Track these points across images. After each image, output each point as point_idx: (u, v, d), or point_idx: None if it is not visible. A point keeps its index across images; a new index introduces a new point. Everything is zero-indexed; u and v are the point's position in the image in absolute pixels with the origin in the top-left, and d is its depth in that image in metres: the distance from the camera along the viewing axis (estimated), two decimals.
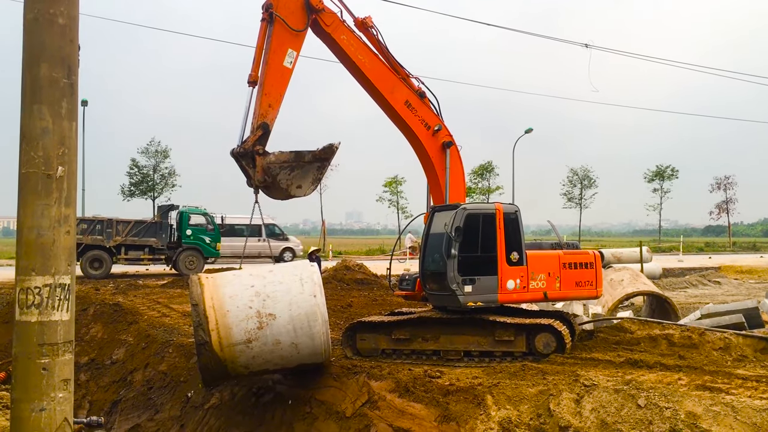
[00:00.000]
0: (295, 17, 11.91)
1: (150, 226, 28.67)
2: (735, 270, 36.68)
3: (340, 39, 12.37)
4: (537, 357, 11.45)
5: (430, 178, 13.54)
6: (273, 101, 11.77)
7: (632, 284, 17.04)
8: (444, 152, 13.13)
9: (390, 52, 13.01)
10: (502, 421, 8.99)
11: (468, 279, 11.58)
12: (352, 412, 10.21)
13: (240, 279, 10.60)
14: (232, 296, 10.10)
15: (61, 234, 3.76)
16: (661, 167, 71.28)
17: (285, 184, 11.82)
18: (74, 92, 3.91)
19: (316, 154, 12.00)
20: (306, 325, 10.07)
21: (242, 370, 10.28)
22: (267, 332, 9.97)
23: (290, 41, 11.86)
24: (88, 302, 18.38)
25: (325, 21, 12.20)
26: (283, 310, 10.04)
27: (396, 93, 12.83)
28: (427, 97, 13.25)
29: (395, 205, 63.03)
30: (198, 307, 9.94)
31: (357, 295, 21.33)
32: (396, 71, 12.99)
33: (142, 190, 51.37)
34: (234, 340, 9.90)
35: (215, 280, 10.49)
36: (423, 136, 13.03)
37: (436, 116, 13.23)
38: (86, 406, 13.94)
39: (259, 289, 10.21)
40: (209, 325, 9.83)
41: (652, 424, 8.23)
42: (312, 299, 10.15)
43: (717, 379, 9.70)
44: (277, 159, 11.72)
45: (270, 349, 10.07)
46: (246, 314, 9.95)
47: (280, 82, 11.85)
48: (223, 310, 9.95)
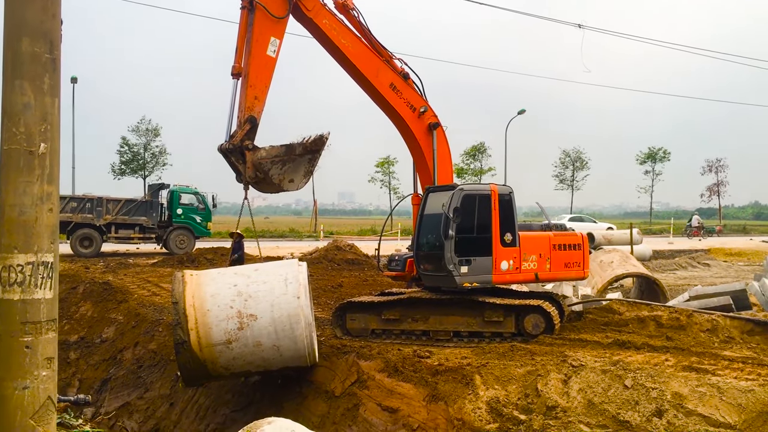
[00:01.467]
0: (276, 4, 11.54)
1: (140, 205, 28.60)
2: (724, 252, 36.91)
3: (322, 23, 12.06)
4: (526, 338, 11.51)
5: (417, 160, 13.40)
6: (259, 93, 11.42)
7: (622, 266, 17.11)
8: (430, 134, 12.96)
9: (372, 33, 12.73)
10: (490, 401, 9.04)
11: (464, 260, 11.60)
12: (342, 391, 10.25)
13: (224, 277, 10.25)
14: (214, 295, 9.78)
15: (44, 211, 3.71)
16: (653, 149, 71.45)
17: (277, 179, 11.53)
18: (56, 68, 3.84)
19: (306, 146, 11.69)
20: (288, 327, 9.68)
21: (222, 371, 9.96)
22: (248, 333, 9.62)
23: (272, 29, 11.51)
24: (77, 281, 18.33)
25: (307, 6, 11.88)
26: (264, 311, 9.68)
27: (380, 76, 12.59)
28: (410, 78, 13.01)
29: (387, 185, 63.10)
30: (178, 305, 9.65)
31: (347, 276, 21.34)
32: (379, 53, 12.74)
33: (132, 168, 51.15)
34: (213, 340, 9.59)
35: (199, 278, 10.14)
36: (409, 118, 12.83)
37: (421, 97, 13.04)
38: (76, 384, 13.95)
39: (242, 288, 9.85)
40: (188, 324, 9.52)
41: (638, 404, 8.29)
42: (295, 301, 9.72)
43: (704, 360, 9.78)
44: (268, 154, 11.38)
45: (251, 350, 9.73)
46: (227, 314, 9.61)
47: (265, 72, 11.50)
48: (204, 309, 9.63)
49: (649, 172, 71.58)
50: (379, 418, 9.64)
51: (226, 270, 11.03)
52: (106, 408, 12.71)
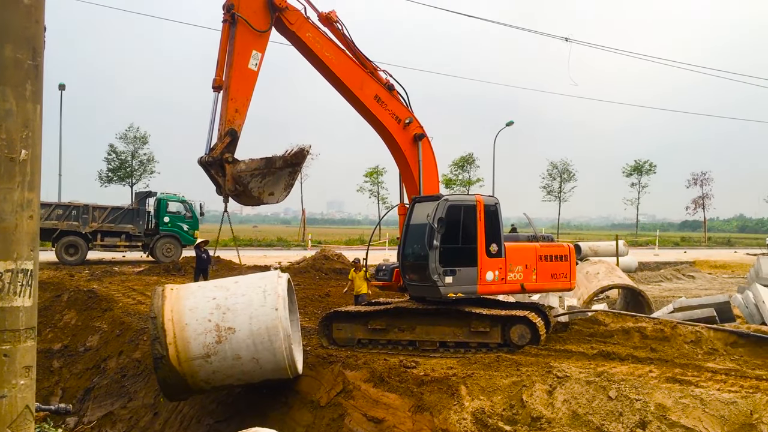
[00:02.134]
0: (258, 17, 11.45)
1: (127, 213, 28.45)
2: (709, 264, 37.15)
3: (305, 37, 11.97)
4: (512, 348, 11.52)
5: (403, 170, 13.36)
6: (240, 106, 11.31)
7: (607, 277, 17.17)
8: (416, 144, 12.93)
9: (356, 45, 12.68)
10: (475, 412, 9.03)
11: (449, 270, 11.60)
12: (327, 401, 10.20)
13: (203, 291, 10.15)
14: (192, 309, 9.70)
15: (24, 219, 3.67)
16: (639, 162, 71.94)
17: (257, 192, 11.43)
18: (39, 74, 3.82)
19: (287, 160, 11.57)
20: (266, 339, 9.53)
21: (203, 384, 9.84)
22: (226, 346, 9.50)
23: (254, 42, 11.41)
24: (62, 288, 18.20)
25: (289, 19, 11.79)
26: (243, 324, 9.55)
27: (365, 88, 12.52)
28: (395, 89, 12.99)
29: (376, 195, 63.10)
30: (156, 320, 9.57)
31: (335, 285, 21.30)
32: (363, 65, 12.68)
33: (120, 176, 50.87)
34: (192, 354, 9.48)
35: (178, 292, 10.05)
36: (394, 129, 12.79)
37: (406, 109, 13.01)
38: (58, 393, 13.82)
39: (221, 301, 9.74)
40: (167, 339, 9.44)
41: (622, 415, 8.31)
42: (273, 312, 9.57)
43: (687, 371, 9.81)
44: (248, 167, 11.28)
45: (230, 364, 9.60)
46: (205, 327, 9.50)
47: (246, 85, 11.39)
48: (182, 323, 9.54)
49: (636, 185, 72.12)
50: (364, 429, 9.59)
51: (207, 283, 10.91)
52: (89, 417, 12.58)
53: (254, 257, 32.62)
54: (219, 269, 22.87)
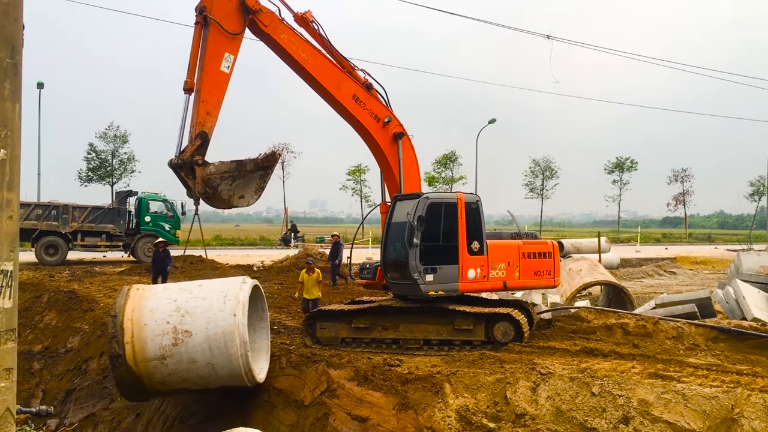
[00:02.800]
0: (231, 20, 11.30)
1: (108, 213, 28.19)
2: (690, 261, 37.56)
3: (280, 38, 11.85)
4: (495, 346, 11.55)
5: (384, 169, 13.30)
6: (211, 108, 11.18)
7: (590, 274, 17.29)
8: (396, 143, 12.88)
9: (333, 45, 12.58)
10: (459, 409, 9.05)
11: (429, 268, 11.60)
12: (311, 400, 10.18)
13: (167, 292, 10.13)
14: (153, 310, 9.65)
15: (3, 219, 3.62)
16: (620, 159, 72.51)
17: (227, 195, 11.33)
18: (17, 73, 3.76)
19: (258, 163, 11.51)
20: (222, 345, 9.39)
21: (160, 386, 9.77)
22: (182, 349, 9.41)
23: (227, 45, 11.27)
24: (42, 289, 17.98)
25: (263, 21, 11.65)
26: (200, 328, 9.44)
27: (342, 88, 12.43)
28: (374, 88, 12.89)
29: (359, 193, 63.02)
30: (116, 318, 9.54)
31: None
32: (341, 65, 12.58)
33: (100, 175, 50.41)
34: (148, 355, 9.42)
35: (143, 292, 10.02)
36: (373, 128, 12.74)
37: (386, 107, 12.94)
38: (39, 395, 13.67)
39: (182, 303, 9.68)
40: (124, 338, 9.40)
41: (605, 411, 8.38)
42: (231, 318, 9.43)
43: (669, 367, 9.90)
44: (218, 170, 11.18)
45: (186, 367, 9.50)
46: (162, 329, 9.44)
47: (218, 88, 11.25)
48: (141, 323, 9.49)
49: (617, 182, 72.69)
50: (348, 428, 9.59)
51: (173, 285, 10.84)
52: (71, 419, 12.47)
53: (237, 256, 32.49)
54: (201, 269, 22.74)
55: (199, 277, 21.20)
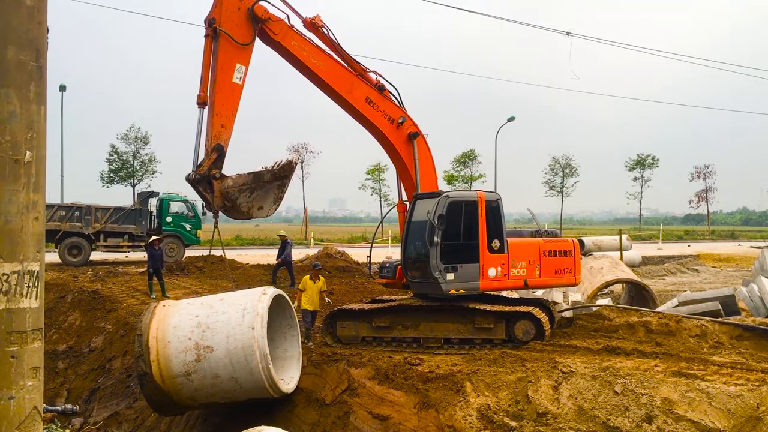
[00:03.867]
0: (241, 30, 11.25)
1: (129, 213, 28.43)
2: (713, 258, 37.12)
3: (291, 46, 11.77)
4: (516, 344, 11.52)
5: (399, 169, 13.24)
6: (225, 121, 11.15)
7: (611, 272, 17.15)
8: (411, 143, 12.79)
9: (343, 48, 12.50)
10: (480, 408, 9.03)
11: (450, 267, 11.60)
12: (332, 399, 10.21)
13: (189, 308, 10.12)
14: (176, 326, 9.69)
15: (30, 220, 3.67)
16: (641, 156, 71.80)
17: (246, 208, 11.31)
18: (42, 76, 3.81)
19: (275, 173, 11.43)
20: (243, 359, 9.32)
21: (190, 402, 9.82)
22: (205, 365, 9.42)
23: (238, 56, 11.22)
24: (66, 289, 18.20)
25: (273, 30, 11.58)
26: (220, 343, 9.43)
27: (355, 91, 12.35)
28: (387, 89, 12.81)
29: (378, 192, 63.07)
30: (141, 337, 9.59)
31: (338, 283, 21.33)
32: (352, 68, 12.51)
33: (121, 176, 50.89)
34: (173, 372, 9.48)
35: (167, 309, 10.04)
36: (388, 130, 12.65)
37: (399, 108, 12.85)
38: (64, 393, 13.84)
39: (203, 319, 9.68)
40: (150, 356, 9.46)
41: (628, 410, 8.31)
42: (249, 332, 9.35)
43: (693, 365, 9.81)
44: (235, 183, 11.16)
45: (210, 382, 9.51)
46: (185, 346, 9.48)
47: (231, 100, 11.22)
48: (165, 340, 9.56)
49: (638, 179, 71.98)
50: (369, 426, 9.60)
51: (195, 300, 10.82)
52: (95, 418, 12.60)
53: (258, 256, 32.64)
54: (222, 268, 22.88)
55: (219, 276, 21.37)
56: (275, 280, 19.99)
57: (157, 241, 18.24)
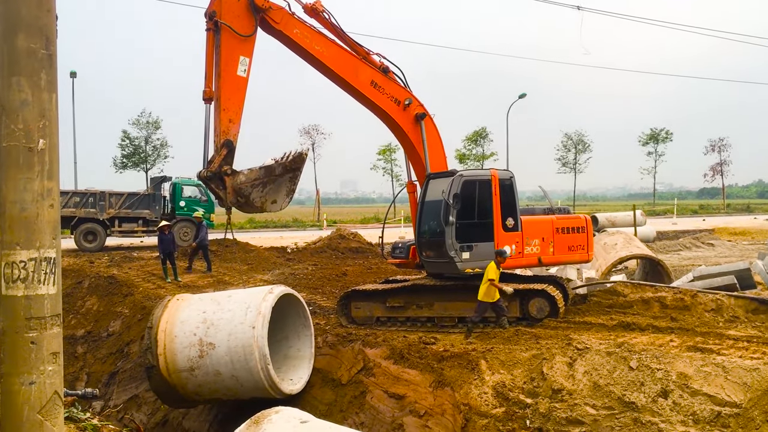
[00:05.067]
0: (242, 21, 11.06)
1: (143, 198, 28.54)
2: (729, 232, 36.83)
3: (293, 34, 11.60)
4: (531, 322, 11.53)
5: (408, 151, 13.14)
6: (233, 115, 11.02)
7: (625, 248, 17.08)
8: (418, 125, 12.67)
9: (345, 32, 12.33)
10: (496, 385, 9.08)
11: (465, 245, 11.60)
12: (348, 379, 10.29)
13: (199, 303, 10.10)
14: (183, 321, 9.71)
15: (45, 207, 3.71)
16: (655, 130, 71.10)
17: (259, 202, 11.22)
18: (53, 63, 3.83)
19: (286, 166, 11.34)
20: (243, 358, 9.23)
21: (195, 396, 9.84)
22: (207, 362, 9.41)
23: (240, 48, 11.05)
24: (82, 275, 18.39)
25: (274, 18, 11.39)
26: (222, 340, 9.39)
27: (360, 75, 12.20)
28: (391, 71, 12.65)
29: (389, 173, 62.96)
30: (151, 330, 9.67)
31: (352, 264, 21.39)
32: (355, 52, 12.35)
33: (134, 162, 51.09)
34: (178, 366, 9.53)
35: (179, 303, 10.06)
36: (394, 112, 12.52)
37: (404, 89, 12.70)
38: (84, 378, 14.03)
39: (209, 315, 9.67)
40: (157, 350, 9.53)
41: (643, 385, 8.32)
42: (250, 331, 9.24)
43: (708, 340, 9.79)
44: (248, 178, 11.05)
45: (213, 379, 9.51)
46: (190, 341, 9.50)
47: (237, 94, 11.08)
48: (172, 335, 9.62)
49: (652, 153, 71.30)
50: (385, 405, 9.68)
51: (206, 296, 10.80)
52: (115, 401, 12.78)
53: (270, 239, 32.78)
54: (236, 251, 23.00)
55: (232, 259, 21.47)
56: (191, 265, 19.74)
57: (167, 226, 18.34)
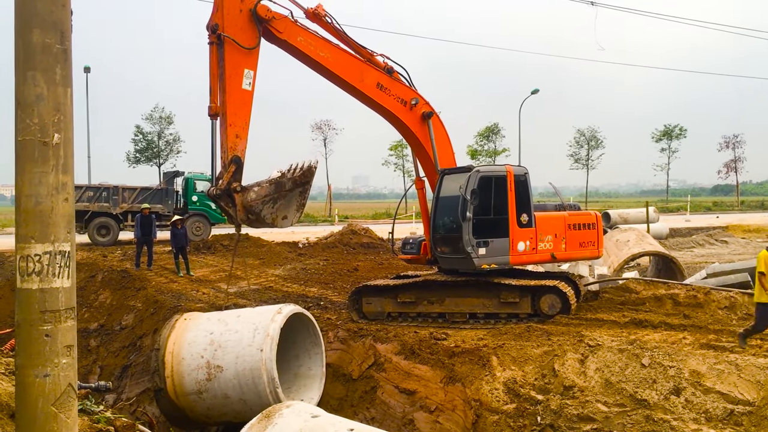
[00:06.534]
0: (245, 33, 10.78)
1: (156, 193, 28.69)
2: (742, 229, 36.54)
3: (297, 42, 11.35)
4: (542, 318, 11.51)
5: (416, 149, 13.02)
6: (240, 131, 10.75)
7: (638, 245, 17.00)
8: (425, 123, 12.52)
9: (348, 35, 12.14)
10: (507, 382, 9.07)
11: (482, 241, 11.59)
12: (359, 374, 10.32)
13: (207, 324, 9.89)
14: (191, 343, 9.51)
15: (60, 201, 3.73)
16: (668, 126, 70.64)
17: (270, 219, 10.93)
18: (68, 58, 3.85)
19: (296, 180, 11.06)
20: (251, 381, 9.01)
21: (204, 419, 9.61)
22: (215, 385, 9.20)
23: (245, 61, 10.79)
24: (96, 269, 18.52)
25: (278, 28, 11.13)
26: (230, 363, 9.15)
27: (366, 79, 11.99)
28: (395, 71, 12.47)
29: (401, 168, 62.93)
30: (159, 352, 9.51)
31: (363, 259, 21.42)
32: (359, 55, 12.17)
33: (147, 156, 51.37)
34: (186, 389, 9.32)
35: (186, 323, 9.89)
36: (401, 113, 12.35)
37: (410, 89, 12.54)
38: (97, 371, 14.13)
39: (216, 336, 9.45)
40: (165, 372, 9.37)
41: (656, 382, 8.28)
42: (258, 354, 9.00)
43: (721, 337, 9.73)
44: (258, 195, 10.76)
45: (221, 402, 9.28)
46: (197, 363, 9.29)
47: (243, 108, 10.81)
48: (180, 357, 9.42)
49: (665, 150, 70.88)
50: (396, 400, 9.70)
51: (213, 315, 10.61)
52: (127, 394, 12.86)
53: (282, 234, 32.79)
54: (248, 246, 23.08)
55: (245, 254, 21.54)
56: (139, 263, 19.49)
57: (180, 220, 18.43)
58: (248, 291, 16.03)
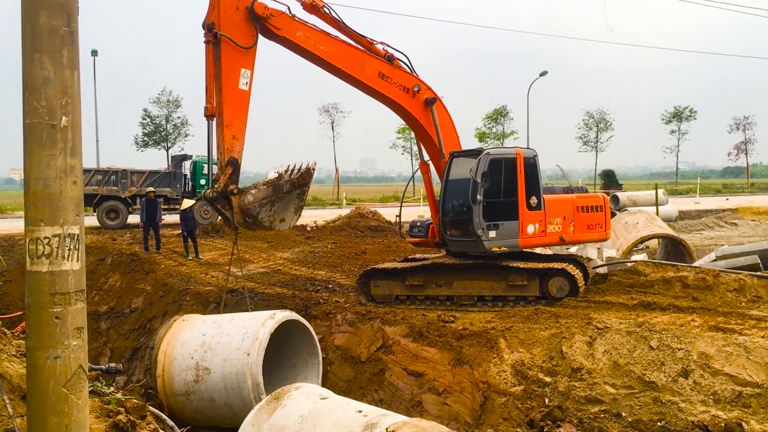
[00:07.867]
0: (242, 32, 10.55)
1: (164, 177, 28.73)
2: (752, 211, 36.32)
3: (296, 37, 11.12)
4: (550, 301, 11.51)
5: (420, 135, 12.96)
6: (236, 132, 10.56)
7: (647, 227, 16.94)
8: (429, 109, 12.38)
9: (347, 25, 11.93)
10: (515, 364, 9.09)
11: (492, 224, 11.58)
12: (367, 356, 10.37)
13: (201, 326, 9.76)
14: (184, 343, 9.40)
15: (68, 184, 3.74)
16: (678, 108, 70.04)
17: (268, 222, 10.78)
18: (75, 40, 3.83)
19: (294, 182, 10.94)
20: (236, 386, 8.79)
21: (193, 422, 9.21)
22: (202, 387, 9.04)
23: (242, 60, 10.57)
24: (105, 252, 18.63)
25: (276, 25, 10.89)
26: (218, 366, 8.98)
27: (367, 69, 11.79)
28: (396, 59, 12.29)
29: (409, 151, 62.76)
30: (152, 351, 9.45)
31: (371, 242, 21.45)
32: (359, 44, 12.00)
33: (155, 140, 51.39)
34: (175, 390, 9.22)
35: (183, 324, 9.80)
36: (404, 101, 12.20)
37: (411, 75, 12.37)
38: (107, 353, 14.27)
39: (208, 338, 9.30)
40: (156, 371, 9.31)
41: (664, 365, 8.28)
42: (245, 358, 8.78)
43: (730, 320, 9.71)
44: (255, 198, 10.59)
45: (208, 405, 9.10)
46: (187, 364, 9.16)
47: (240, 108, 10.60)
48: (172, 356, 9.33)
49: (675, 132, 70.33)
50: (404, 383, 9.75)
51: (209, 317, 10.47)
52: (138, 376, 12.97)
53: None
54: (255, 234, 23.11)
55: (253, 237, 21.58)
56: (147, 247, 19.29)
57: (192, 207, 18.53)
58: (257, 274, 16.09)
